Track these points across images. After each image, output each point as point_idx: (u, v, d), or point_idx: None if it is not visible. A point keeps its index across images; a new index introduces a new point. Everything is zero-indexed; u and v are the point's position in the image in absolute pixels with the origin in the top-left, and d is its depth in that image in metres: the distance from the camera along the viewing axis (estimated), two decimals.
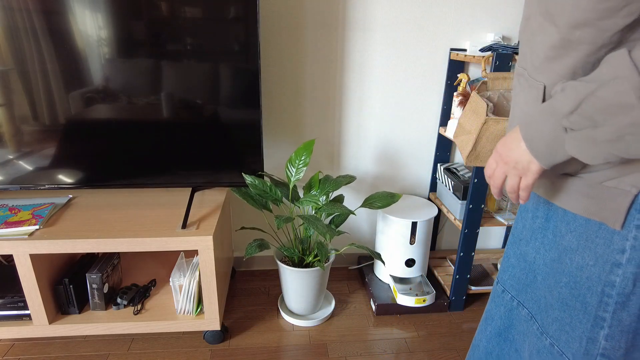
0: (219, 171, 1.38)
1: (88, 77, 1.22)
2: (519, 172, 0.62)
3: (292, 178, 1.41)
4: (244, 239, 1.86)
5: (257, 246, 1.36)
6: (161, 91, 1.26)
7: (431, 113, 1.70)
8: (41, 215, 1.29)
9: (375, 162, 1.77)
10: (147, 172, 1.35)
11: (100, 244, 1.21)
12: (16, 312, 1.29)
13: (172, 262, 1.67)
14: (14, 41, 1.16)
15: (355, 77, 1.63)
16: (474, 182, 1.41)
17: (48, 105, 1.24)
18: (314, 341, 1.46)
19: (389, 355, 1.41)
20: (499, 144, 0.66)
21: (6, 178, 1.30)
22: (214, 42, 1.23)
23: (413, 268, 1.67)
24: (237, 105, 1.31)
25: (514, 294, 0.80)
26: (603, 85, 0.48)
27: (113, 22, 1.18)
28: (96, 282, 1.33)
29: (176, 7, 1.18)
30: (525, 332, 0.77)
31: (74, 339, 1.43)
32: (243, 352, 1.40)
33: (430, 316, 1.61)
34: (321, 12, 1.52)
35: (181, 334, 1.46)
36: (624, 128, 0.48)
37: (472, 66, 1.65)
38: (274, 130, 1.67)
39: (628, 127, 0.47)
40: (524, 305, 0.77)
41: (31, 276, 1.22)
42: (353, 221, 1.88)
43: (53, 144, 1.29)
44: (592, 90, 0.49)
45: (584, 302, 0.62)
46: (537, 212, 0.72)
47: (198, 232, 1.26)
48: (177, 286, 1.34)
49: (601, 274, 0.59)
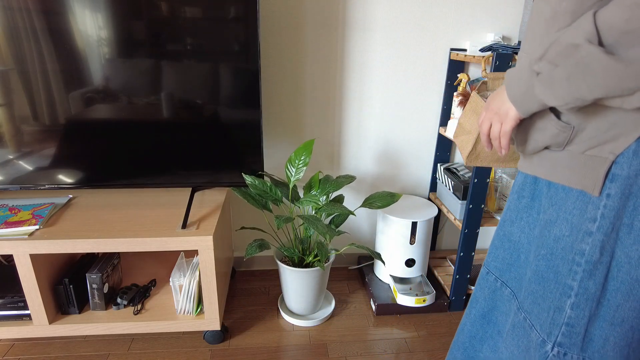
0: (219, 171, 1.38)
1: (88, 77, 1.22)
2: (500, 118, 0.68)
3: (292, 178, 1.41)
4: (244, 239, 1.86)
5: (257, 246, 1.36)
6: (161, 91, 1.26)
7: (431, 113, 1.70)
8: (41, 215, 1.29)
9: (375, 162, 1.77)
10: (147, 172, 1.35)
11: (100, 244, 1.21)
12: (16, 312, 1.29)
13: (172, 262, 1.67)
14: (14, 41, 1.16)
15: (355, 77, 1.63)
16: (474, 182, 1.41)
17: (48, 105, 1.24)
18: (314, 341, 1.46)
19: (389, 355, 1.41)
20: (490, 96, 0.71)
21: (6, 178, 1.30)
22: (214, 42, 1.23)
23: (413, 268, 1.67)
24: (237, 105, 1.31)
25: (497, 275, 0.81)
26: (565, 32, 0.56)
27: (113, 22, 1.18)
28: (96, 282, 1.33)
29: (176, 7, 1.18)
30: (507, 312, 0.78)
31: (74, 339, 1.43)
32: (243, 352, 1.40)
33: (430, 316, 1.61)
34: (321, 12, 1.52)
35: (181, 334, 1.47)
36: (571, 67, 0.54)
37: (472, 66, 1.65)
38: (274, 130, 1.67)
39: (574, 66, 0.54)
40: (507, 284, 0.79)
41: (31, 276, 1.22)
42: (353, 221, 1.88)
43: (53, 144, 1.29)
44: (557, 37, 0.57)
45: (556, 272, 0.64)
46: (523, 192, 0.75)
47: (198, 232, 1.26)
48: (177, 286, 1.34)
49: (574, 242, 0.62)
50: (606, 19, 0.51)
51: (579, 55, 0.53)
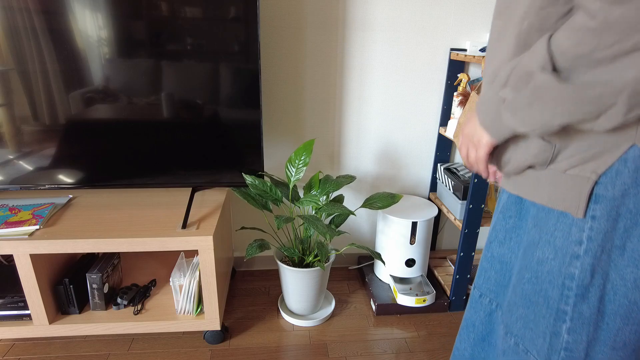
0: (219, 171, 1.38)
1: (88, 77, 1.22)
2: (475, 145, 0.66)
3: (292, 178, 1.41)
4: (244, 239, 1.86)
5: (257, 247, 1.36)
6: (161, 91, 1.26)
7: (431, 113, 1.70)
8: (41, 215, 1.29)
9: (375, 162, 1.77)
10: (147, 172, 1.35)
11: (100, 244, 1.21)
12: (16, 312, 1.29)
13: (172, 262, 1.67)
14: (14, 41, 1.16)
15: (355, 77, 1.63)
16: (474, 182, 1.41)
17: (48, 105, 1.24)
18: (314, 341, 1.46)
19: (389, 355, 1.41)
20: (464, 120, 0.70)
21: (6, 178, 1.30)
22: (214, 42, 1.23)
23: (413, 268, 1.67)
24: (238, 105, 1.31)
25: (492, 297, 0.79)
26: (523, 57, 0.55)
27: (113, 22, 1.18)
28: (96, 282, 1.33)
29: (176, 7, 1.18)
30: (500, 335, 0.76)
31: (74, 339, 1.43)
32: (243, 352, 1.40)
33: (430, 316, 1.61)
34: (321, 12, 1.52)
35: (181, 334, 1.47)
36: (530, 95, 0.54)
37: (472, 66, 1.65)
38: (274, 130, 1.67)
39: (532, 94, 0.53)
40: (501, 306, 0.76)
41: (31, 276, 1.22)
42: (353, 221, 1.88)
43: (53, 144, 1.29)
44: (518, 62, 0.56)
45: (546, 296, 0.63)
46: (509, 212, 0.73)
47: (198, 232, 1.26)
48: (177, 286, 1.34)
49: (561, 266, 0.60)
50: (558, 43, 0.50)
51: (534, 84, 0.53)
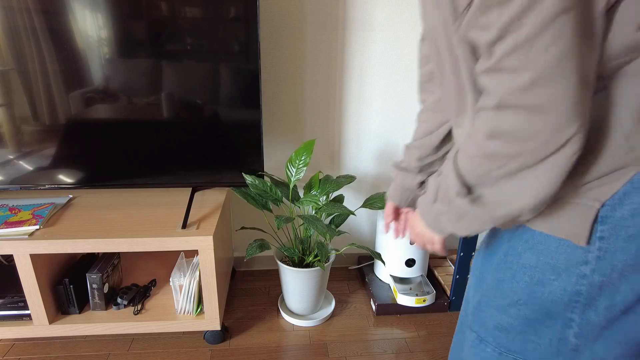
0: (219, 171, 1.38)
1: (88, 77, 1.22)
2: (429, 241, 0.71)
3: (292, 178, 1.41)
4: (244, 239, 1.86)
5: (257, 247, 1.36)
6: (161, 91, 1.26)
7: None
8: (41, 215, 1.29)
9: (376, 162, 1.77)
10: (147, 172, 1.35)
11: (100, 244, 1.21)
12: (16, 312, 1.29)
13: (172, 262, 1.67)
14: (14, 41, 1.16)
15: (355, 77, 1.63)
16: None
17: (48, 105, 1.24)
18: (314, 341, 1.46)
19: (389, 355, 1.41)
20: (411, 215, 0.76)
21: (6, 178, 1.30)
22: (214, 42, 1.23)
23: (413, 268, 1.67)
24: (238, 105, 1.31)
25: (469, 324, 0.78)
26: (443, 178, 0.61)
27: (113, 22, 1.18)
28: (96, 282, 1.33)
29: (176, 7, 1.18)
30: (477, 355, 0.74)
31: (74, 339, 1.43)
32: (243, 352, 1.40)
33: (431, 316, 1.61)
34: (321, 12, 1.52)
35: (181, 334, 1.47)
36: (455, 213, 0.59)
37: None
38: (274, 130, 1.67)
39: (455, 213, 0.59)
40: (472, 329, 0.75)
41: (31, 276, 1.22)
42: (353, 221, 1.88)
43: (53, 144, 1.28)
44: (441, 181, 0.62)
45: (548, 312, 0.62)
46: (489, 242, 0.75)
47: (198, 232, 1.26)
48: (177, 286, 1.34)
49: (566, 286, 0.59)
50: (461, 166, 0.57)
51: (455, 206, 0.58)
